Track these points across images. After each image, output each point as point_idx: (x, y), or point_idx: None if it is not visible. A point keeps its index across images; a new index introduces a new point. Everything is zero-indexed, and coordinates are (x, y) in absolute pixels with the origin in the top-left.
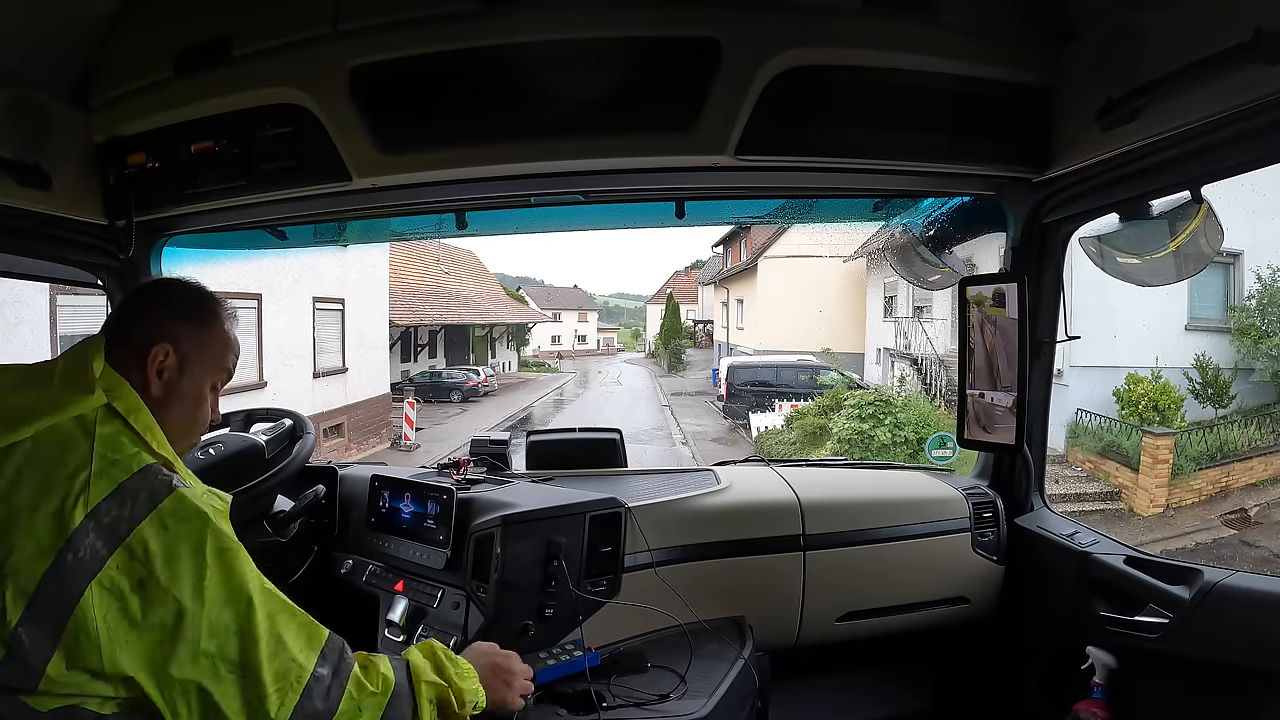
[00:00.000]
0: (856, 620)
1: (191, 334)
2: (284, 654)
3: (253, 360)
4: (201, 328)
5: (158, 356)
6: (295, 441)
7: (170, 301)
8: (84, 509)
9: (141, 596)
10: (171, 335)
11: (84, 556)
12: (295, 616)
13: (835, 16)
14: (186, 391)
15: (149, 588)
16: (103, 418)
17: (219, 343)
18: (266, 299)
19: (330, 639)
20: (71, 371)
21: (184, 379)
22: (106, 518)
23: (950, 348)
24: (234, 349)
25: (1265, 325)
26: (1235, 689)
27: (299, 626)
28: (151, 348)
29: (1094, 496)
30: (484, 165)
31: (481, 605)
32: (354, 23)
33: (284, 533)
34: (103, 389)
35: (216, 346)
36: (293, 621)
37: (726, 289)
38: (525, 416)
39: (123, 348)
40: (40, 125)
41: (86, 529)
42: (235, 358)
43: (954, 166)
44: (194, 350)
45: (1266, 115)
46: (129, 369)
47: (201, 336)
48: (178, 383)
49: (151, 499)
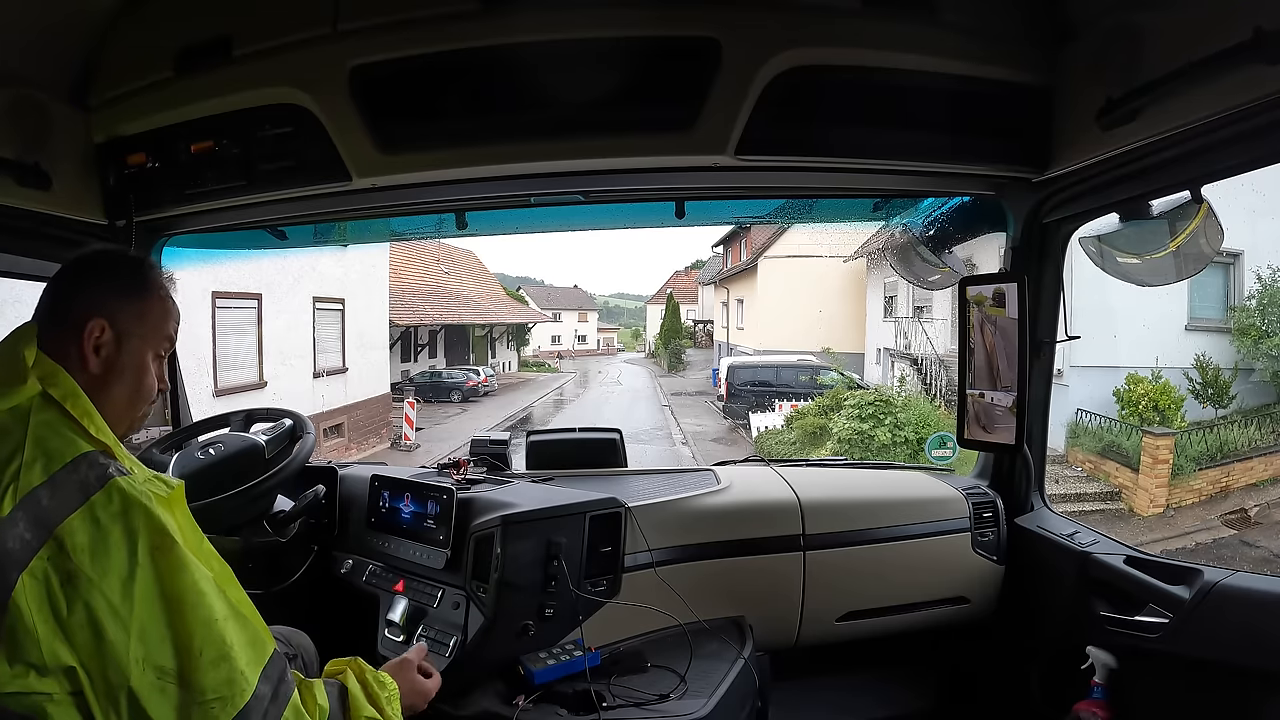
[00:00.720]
0: (856, 620)
1: (127, 306)
2: (227, 665)
3: (253, 360)
4: (137, 298)
5: (93, 333)
6: (295, 441)
7: (101, 274)
8: (13, 499)
9: (68, 593)
10: (106, 309)
11: (13, 547)
12: (245, 626)
13: (835, 16)
14: (127, 365)
15: (77, 584)
16: (38, 406)
17: (158, 311)
18: (266, 299)
19: (274, 656)
20: (2, 363)
21: (123, 353)
22: (36, 508)
23: (950, 348)
24: (174, 315)
25: (1265, 325)
26: (1235, 689)
27: (248, 637)
28: (86, 325)
29: (1094, 496)
30: (484, 165)
31: (481, 605)
32: (354, 23)
33: (284, 533)
34: (36, 377)
35: (155, 315)
36: (242, 631)
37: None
38: (525, 416)
39: (57, 329)
40: (40, 125)
41: (15, 519)
42: (176, 324)
43: (954, 166)
44: (131, 322)
45: (1266, 115)
46: (66, 350)
47: (138, 307)
48: (117, 357)
49: (83, 490)
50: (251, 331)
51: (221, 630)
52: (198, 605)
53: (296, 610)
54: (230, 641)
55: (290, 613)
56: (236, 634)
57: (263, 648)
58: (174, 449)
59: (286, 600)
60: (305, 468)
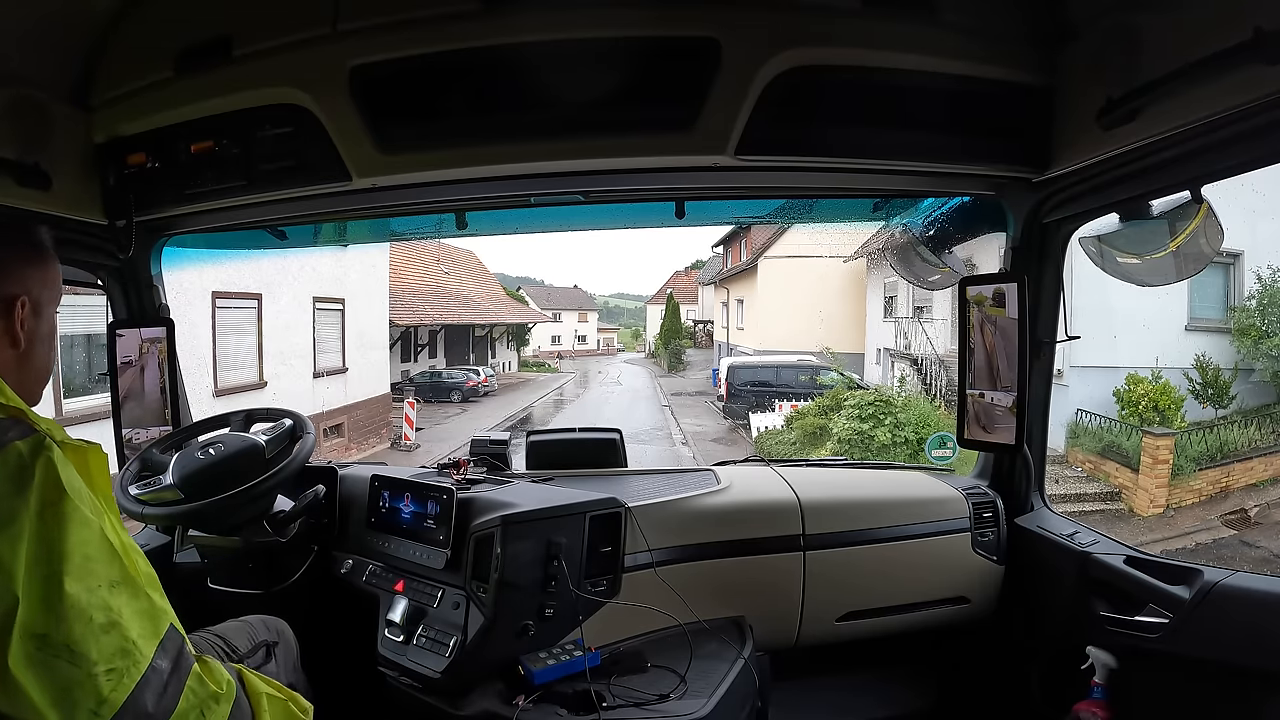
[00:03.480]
0: (857, 620)
1: (37, 275)
2: (118, 633)
3: (253, 360)
4: (44, 264)
5: (21, 310)
6: (295, 441)
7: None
8: None
9: None
10: (23, 283)
11: None
12: (139, 597)
13: (835, 16)
14: (45, 331)
15: None
16: None
17: (55, 270)
18: (266, 299)
19: (171, 631)
20: None
21: (41, 321)
22: None
23: (950, 348)
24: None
25: (1265, 325)
26: (1235, 689)
27: (142, 609)
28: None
29: (1094, 497)
30: (484, 165)
31: (481, 605)
32: (354, 23)
33: (284, 533)
34: None
35: (57, 276)
36: (135, 600)
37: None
38: (525, 416)
39: None
40: (40, 125)
41: None
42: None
43: (954, 166)
44: (43, 289)
45: (1266, 115)
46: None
47: (46, 274)
48: (37, 328)
49: None
50: (251, 331)
51: (111, 596)
52: (87, 568)
53: (296, 610)
54: (120, 609)
55: (290, 613)
56: (128, 602)
57: (159, 619)
58: (174, 449)
59: (286, 600)
60: (305, 468)
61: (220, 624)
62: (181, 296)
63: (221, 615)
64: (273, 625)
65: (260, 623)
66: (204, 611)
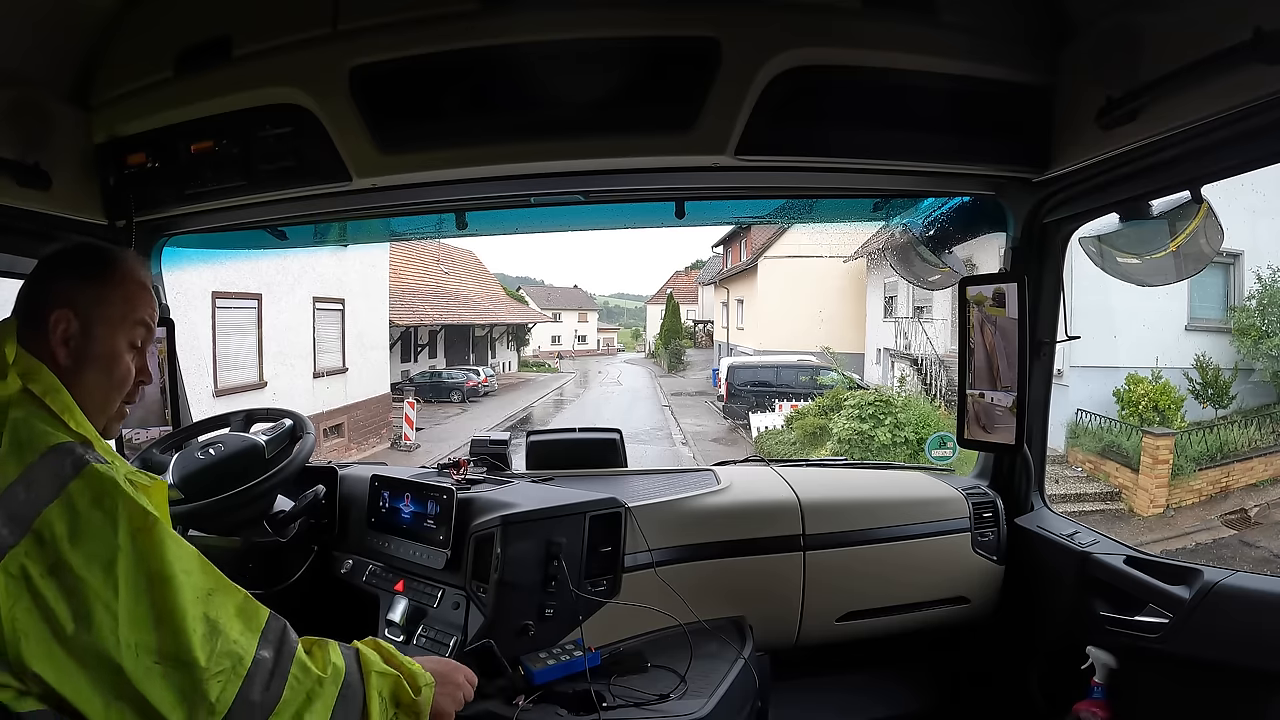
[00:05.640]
0: (856, 620)
1: (89, 292)
2: (222, 637)
3: (253, 360)
4: (99, 284)
5: (59, 325)
6: (295, 441)
7: (63, 265)
8: None
9: (54, 584)
10: (69, 299)
11: None
12: (232, 595)
13: (835, 17)
14: (98, 354)
15: (60, 574)
16: (16, 401)
17: (122, 295)
18: (266, 299)
19: (271, 618)
20: None
21: (91, 342)
22: (13, 502)
23: (950, 348)
24: (145, 300)
25: (1265, 325)
26: (1235, 689)
27: (237, 607)
28: (51, 317)
29: (1094, 497)
30: (484, 165)
31: (481, 605)
32: (354, 23)
33: (284, 533)
34: (17, 373)
35: (120, 299)
36: (229, 601)
37: (726, 289)
38: (525, 416)
39: (30, 326)
40: (40, 125)
41: None
42: (152, 312)
43: (954, 166)
44: (95, 308)
45: (1266, 115)
46: (39, 345)
47: (101, 293)
48: (85, 347)
49: (58, 480)
50: (251, 331)
51: (209, 606)
52: (185, 582)
53: (296, 610)
54: (221, 613)
55: (290, 613)
56: (226, 604)
57: (257, 613)
58: (174, 449)
59: (286, 600)
60: (305, 468)
61: None
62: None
63: None
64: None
65: None
66: None
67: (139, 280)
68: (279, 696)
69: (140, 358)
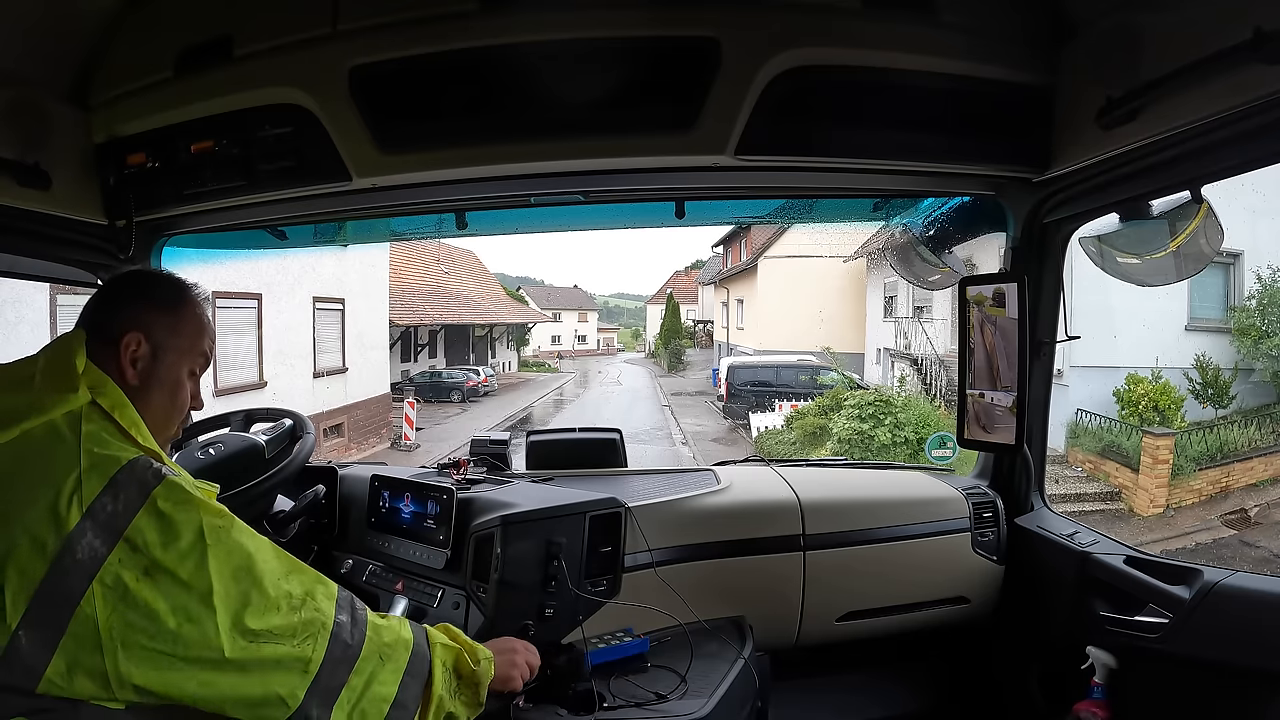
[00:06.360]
0: (856, 620)
1: (163, 320)
2: (306, 608)
3: (253, 360)
4: (173, 314)
5: (130, 346)
6: (295, 441)
7: (140, 290)
8: (80, 508)
9: (151, 585)
10: (143, 324)
11: (82, 557)
12: (306, 572)
13: (835, 16)
14: (164, 378)
15: (155, 576)
16: (87, 414)
17: (192, 327)
18: (266, 299)
19: (340, 590)
20: (55, 370)
21: (159, 366)
22: (102, 514)
23: (950, 348)
24: (208, 333)
25: (1265, 325)
26: (1235, 689)
27: (314, 581)
28: (124, 337)
29: (1094, 496)
30: (484, 165)
31: (481, 605)
32: (354, 23)
33: (284, 533)
34: (87, 386)
35: (190, 331)
36: (306, 577)
37: (726, 289)
38: (525, 416)
39: (99, 340)
40: (40, 125)
41: (84, 528)
42: (211, 342)
43: (954, 166)
44: (167, 336)
45: (1266, 115)
46: (106, 361)
47: (174, 323)
48: (153, 370)
49: (143, 489)
50: (251, 331)
51: (289, 583)
52: (267, 567)
53: None
54: (297, 590)
55: None
56: (302, 581)
57: (329, 585)
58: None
59: None
60: (305, 468)
61: None
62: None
63: None
64: None
65: None
66: None
67: (204, 315)
68: (359, 653)
69: (196, 385)
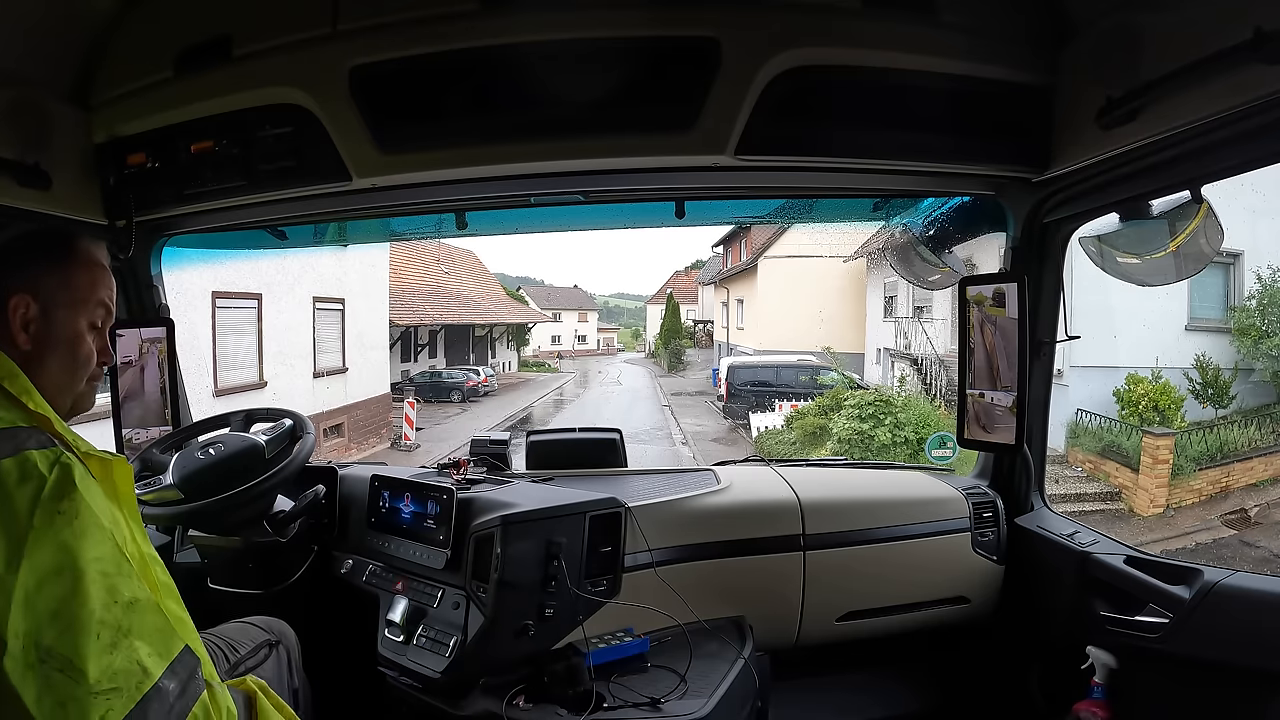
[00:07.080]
0: (856, 620)
1: (51, 277)
2: (124, 652)
3: (253, 360)
4: (61, 268)
5: (19, 309)
6: (295, 441)
7: (23, 250)
8: None
9: None
10: (29, 283)
11: None
12: (155, 614)
13: (835, 16)
14: (60, 336)
15: None
16: None
17: (85, 279)
18: (266, 299)
19: (185, 653)
20: None
21: (52, 325)
22: None
23: (950, 348)
24: (105, 283)
25: (1265, 325)
26: (1235, 689)
27: (156, 627)
28: (10, 301)
29: (1094, 496)
30: (484, 165)
31: (481, 605)
32: (354, 23)
33: (284, 533)
34: None
35: (82, 283)
36: (152, 619)
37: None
38: (525, 416)
39: None
40: (40, 125)
41: None
42: (110, 291)
43: (954, 166)
44: (57, 291)
45: (1266, 115)
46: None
47: (63, 277)
48: (47, 331)
49: None
50: (251, 331)
51: (124, 615)
52: (99, 582)
53: (296, 610)
54: (131, 627)
55: (290, 613)
56: (141, 620)
57: (172, 640)
58: (174, 449)
59: (286, 600)
60: (305, 468)
61: (221, 625)
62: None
63: (222, 615)
64: (273, 626)
65: (261, 623)
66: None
67: (99, 261)
68: None
69: (101, 338)
